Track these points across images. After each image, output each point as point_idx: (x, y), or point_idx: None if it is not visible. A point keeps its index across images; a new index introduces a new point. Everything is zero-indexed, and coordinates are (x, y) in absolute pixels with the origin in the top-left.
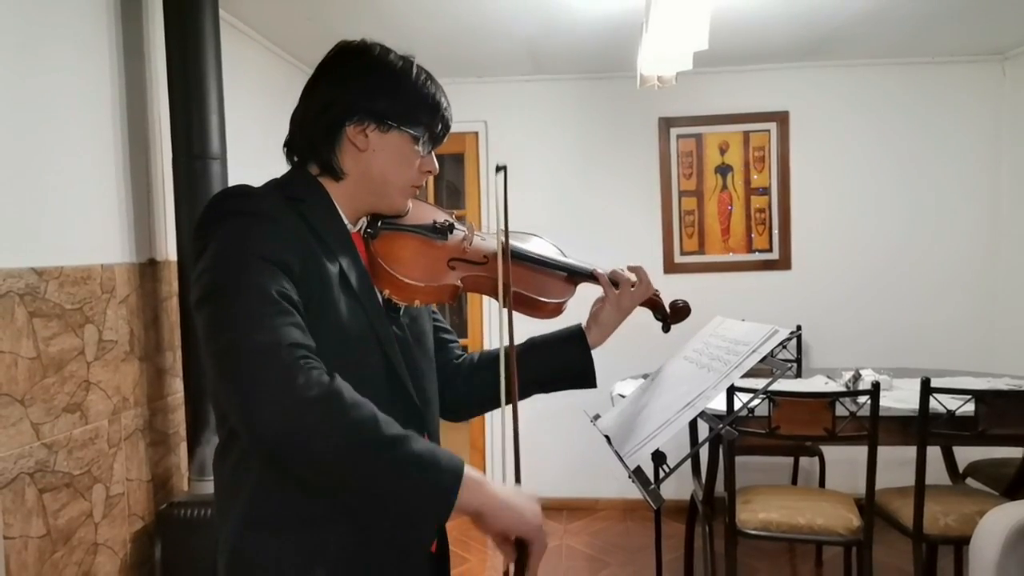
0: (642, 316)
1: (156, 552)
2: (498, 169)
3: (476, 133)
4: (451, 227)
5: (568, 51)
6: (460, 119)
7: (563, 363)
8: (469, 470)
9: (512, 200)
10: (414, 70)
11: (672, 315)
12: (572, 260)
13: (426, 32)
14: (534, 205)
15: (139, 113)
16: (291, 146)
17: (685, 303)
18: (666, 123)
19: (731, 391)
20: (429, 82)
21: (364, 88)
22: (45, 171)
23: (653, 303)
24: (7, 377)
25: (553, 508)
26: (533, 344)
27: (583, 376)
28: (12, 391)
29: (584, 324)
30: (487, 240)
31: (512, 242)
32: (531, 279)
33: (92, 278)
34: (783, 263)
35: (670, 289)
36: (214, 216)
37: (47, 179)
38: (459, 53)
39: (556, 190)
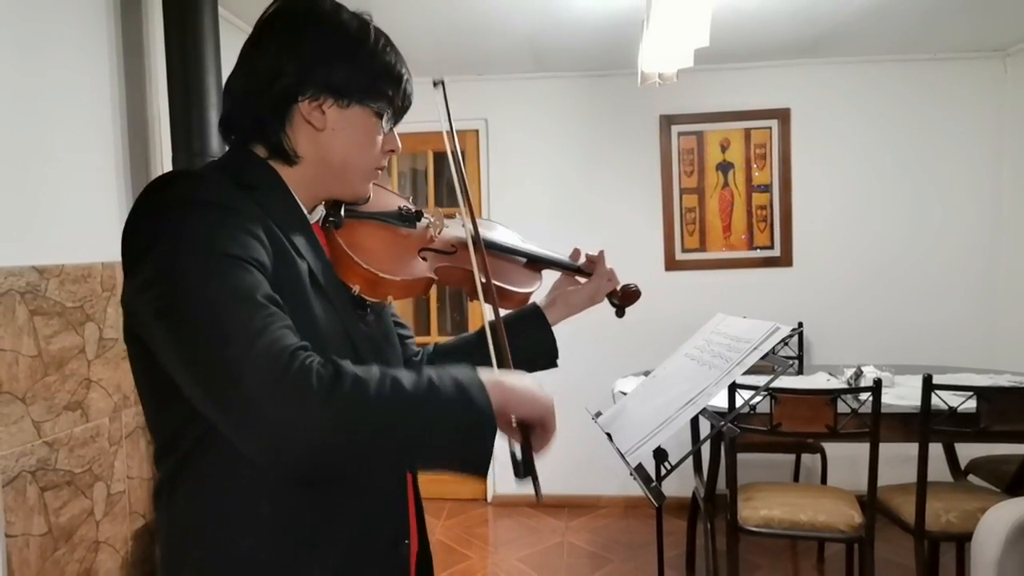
0: (644, 313)
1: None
2: (435, 84)
3: (476, 131)
4: (419, 214)
5: (569, 49)
6: (461, 117)
7: (527, 344)
8: (484, 375)
9: (513, 197)
10: (372, 33)
11: (623, 298)
12: (537, 248)
13: (427, 29)
14: (535, 202)
15: (139, 111)
16: (229, 123)
17: (636, 287)
18: (667, 120)
19: (732, 388)
20: (389, 48)
21: (318, 56)
22: (45, 169)
23: (610, 290)
24: (8, 375)
25: (554, 505)
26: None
27: (547, 356)
28: (13, 389)
29: (543, 303)
30: (453, 228)
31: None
32: (500, 268)
33: (93, 276)
34: (784, 260)
35: (672, 286)
36: (160, 205)
37: (48, 177)
38: (460, 50)
39: (557, 188)
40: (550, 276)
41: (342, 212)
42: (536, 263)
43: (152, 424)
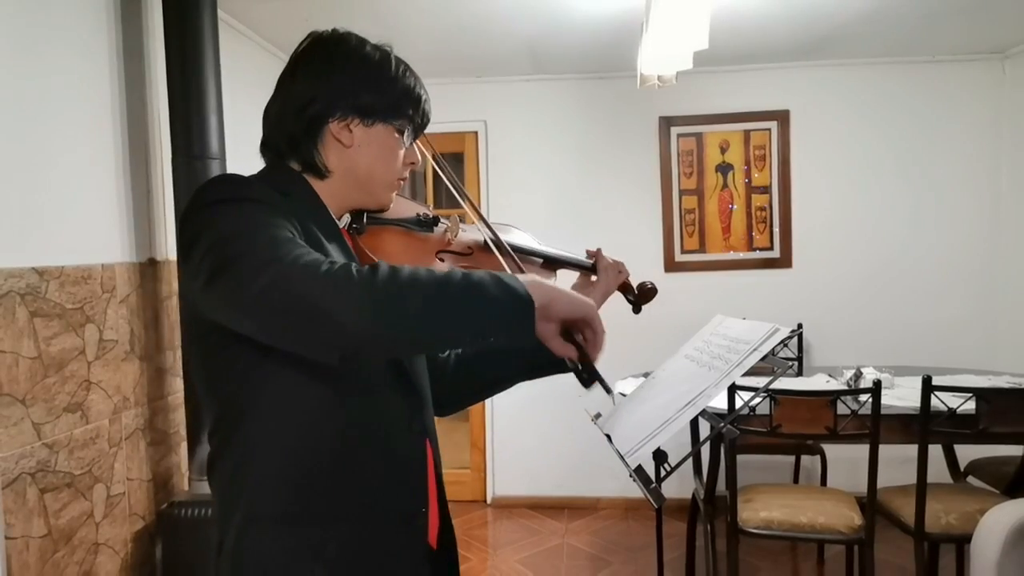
0: (644, 314)
1: (157, 552)
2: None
3: (476, 133)
4: (436, 219)
5: (568, 51)
6: (460, 119)
7: (546, 348)
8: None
9: (512, 199)
10: (392, 61)
11: (640, 296)
12: (552, 249)
13: (426, 31)
14: (534, 204)
15: (139, 113)
16: (268, 144)
17: (653, 284)
18: (666, 122)
19: (732, 389)
20: (408, 73)
21: (345, 84)
22: (45, 171)
23: (625, 285)
24: (8, 377)
25: (554, 507)
26: None
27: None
28: (13, 391)
29: None
30: (469, 231)
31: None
32: (514, 270)
33: (92, 278)
34: (784, 261)
35: (671, 287)
36: (207, 201)
37: (48, 179)
38: (459, 53)
39: (556, 190)
40: (566, 278)
41: (364, 219)
42: (551, 263)
43: (205, 406)
